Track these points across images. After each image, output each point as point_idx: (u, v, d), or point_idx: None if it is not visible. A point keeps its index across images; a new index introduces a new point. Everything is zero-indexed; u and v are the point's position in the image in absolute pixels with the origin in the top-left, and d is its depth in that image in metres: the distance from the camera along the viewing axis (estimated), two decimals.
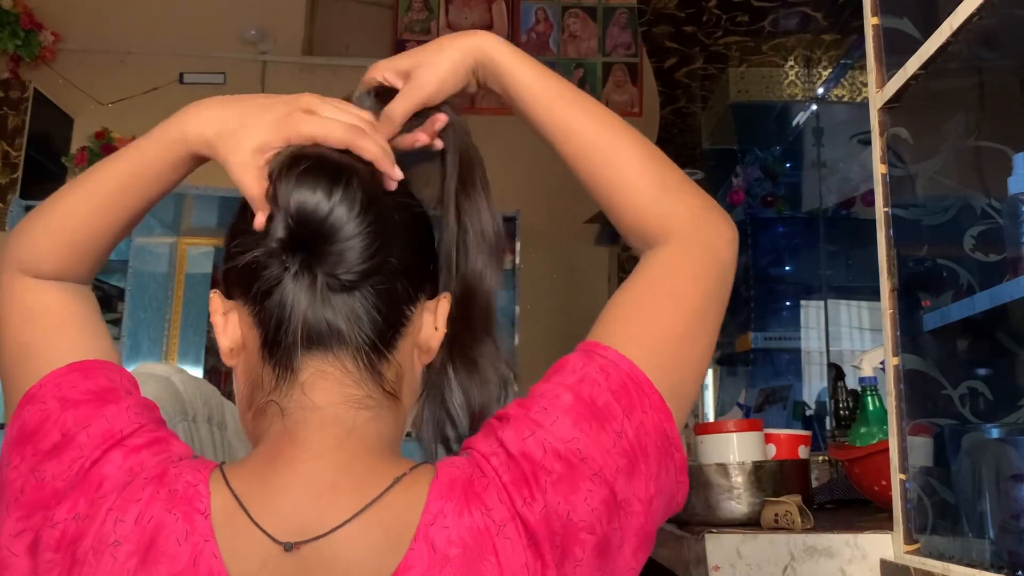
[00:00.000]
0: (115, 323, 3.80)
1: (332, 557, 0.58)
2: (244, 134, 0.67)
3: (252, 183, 0.65)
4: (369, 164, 0.67)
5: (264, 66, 4.30)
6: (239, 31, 4.22)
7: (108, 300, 3.88)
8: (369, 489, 0.60)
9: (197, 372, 3.51)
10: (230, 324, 0.66)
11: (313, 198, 0.62)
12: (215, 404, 1.29)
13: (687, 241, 0.70)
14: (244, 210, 0.67)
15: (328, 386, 0.63)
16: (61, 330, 0.70)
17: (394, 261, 0.65)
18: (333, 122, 0.67)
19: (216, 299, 0.67)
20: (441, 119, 0.75)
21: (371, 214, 0.64)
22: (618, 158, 0.72)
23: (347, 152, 0.66)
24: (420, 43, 0.78)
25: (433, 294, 0.71)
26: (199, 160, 0.71)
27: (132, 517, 0.59)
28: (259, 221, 0.64)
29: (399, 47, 4.40)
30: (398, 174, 0.68)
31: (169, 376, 1.26)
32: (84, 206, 0.72)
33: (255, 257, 0.63)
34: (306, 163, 0.64)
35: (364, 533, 0.58)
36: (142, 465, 0.62)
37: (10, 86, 4.01)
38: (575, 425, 0.61)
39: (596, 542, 0.59)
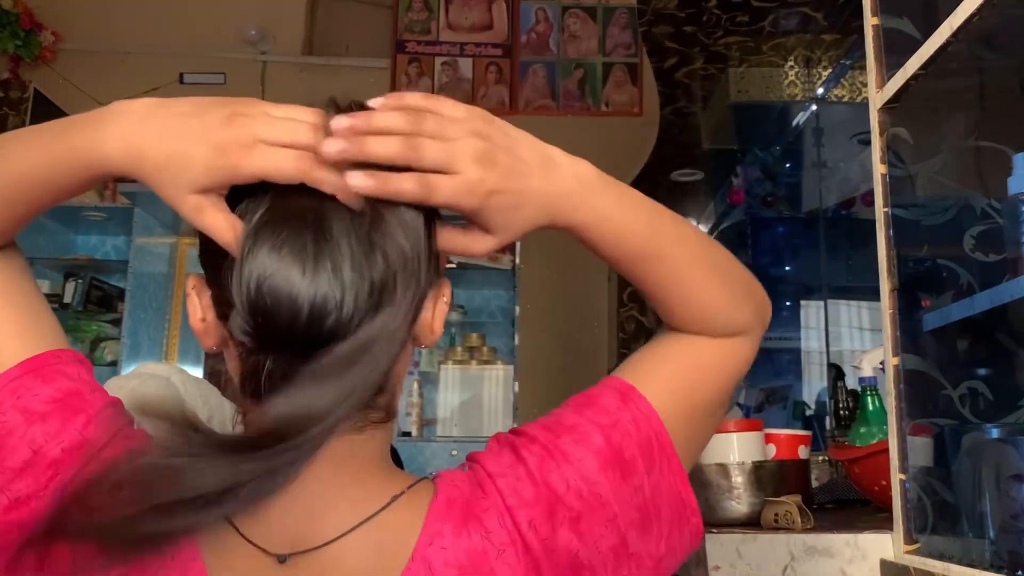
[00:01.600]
0: (115, 323, 3.80)
1: (326, 570, 0.57)
2: (176, 170, 0.55)
3: (219, 227, 0.56)
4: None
5: (264, 66, 4.30)
6: (239, 31, 4.22)
7: (109, 300, 3.88)
8: (365, 506, 0.59)
9: (197, 372, 3.51)
10: (211, 328, 0.61)
11: (288, 289, 0.53)
12: (215, 404, 1.29)
13: (750, 335, 0.71)
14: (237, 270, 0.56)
15: None
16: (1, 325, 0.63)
17: (394, 310, 0.57)
18: (280, 155, 0.55)
19: (194, 299, 0.61)
20: None
21: (365, 270, 0.55)
22: (699, 286, 0.68)
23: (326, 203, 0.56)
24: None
25: (432, 277, 0.62)
26: (114, 176, 0.60)
27: None
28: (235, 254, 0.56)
29: (399, 47, 4.40)
30: (360, 205, 0.56)
31: (169, 376, 1.27)
32: None
33: (243, 355, 0.57)
34: (273, 235, 0.54)
35: (359, 549, 0.57)
36: None
37: (10, 86, 4.01)
38: (601, 469, 0.61)
39: None
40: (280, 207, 0.56)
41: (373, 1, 4.56)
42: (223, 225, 0.56)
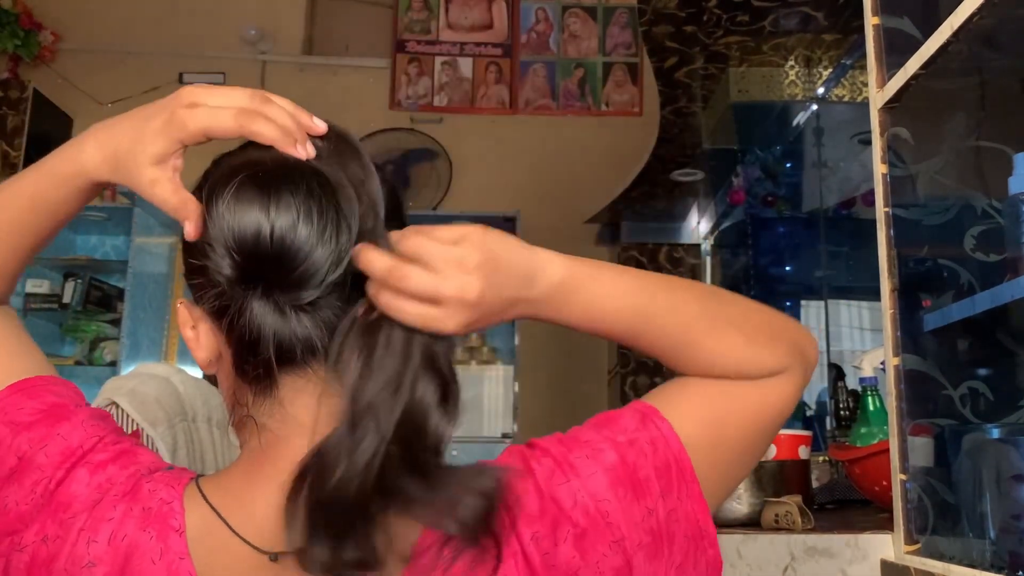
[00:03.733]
0: (115, 323, 3.80)
1: None
2: (138, 150, 0.61)
3: (168, 195, 0.60)
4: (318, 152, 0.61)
5: (264, 66, 4.30)
6: (239, 31, 4.22)
7: (108, 300, 3.88)
8: None
9: (196, 372, 3.51)
10: (202, 336, 0.62)
11: (252, 221, 0.57)
12: (215, 404, 1.29)
13: (786, 375, 0.69)
14: (207, 222, 0.61)
15: (307, 400, 0.60)
16: None
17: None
18: (221, 110, 0.60)
19: (183, 311, 0.63)
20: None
21: (326, 217, 0.57)
22: (706, 346, 0.66)
23: (288, 159, 0.60)
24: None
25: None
26: (99, 187, 0.67)
27: (105, 537, 0.57)
28: (189, 231, 0.60)
29: (399, 47, 4.40)
30: (307, 151, 0.60)
31: (169, 376, 1.26)
32: None
33: (214, 295, 0.59)
34: (236, 181, 0.58)
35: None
36: (111, 481, 0.60)
37: (9, 86, 4.01)
38: (611, 487, 0.59)
39: None
40: (236, 163, 0.61)
41: (373, 1, 4.56)
42: (170, 191, 0.60)
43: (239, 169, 0.59)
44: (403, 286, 0.56)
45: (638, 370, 3.97)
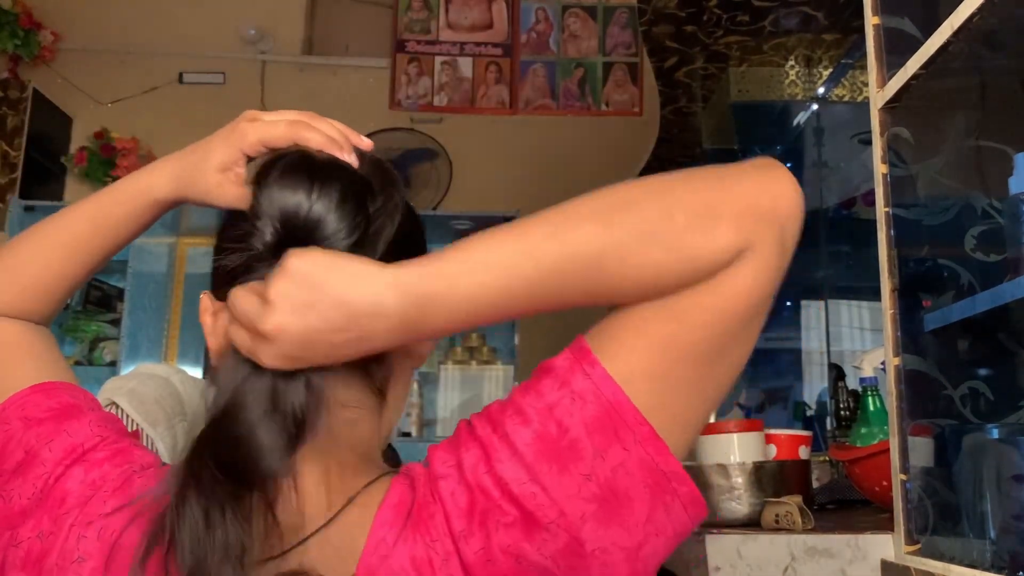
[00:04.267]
0: (115, 323, 3.80)
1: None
2: (203, 162, 0.67)
3: (233, 192, 0.65)
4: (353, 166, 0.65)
5: (264, 66, 4.30)
6: (239, 31, 4.22)
7: (108, 300, 3.88)
8: (334, 500, 0.58)
9: (197, 372, 3.50)
10: (220, 325, 0.63)
11: (294, 198, 0.60)
12: None
13: (748, 253, 0.56)
14: (232, 212, 0.66)
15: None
16: (21, 359, 0.71)
17: (384, 253, 0.62)
18: (275, 122, 0.66)
19: (206, 299, 0.66)
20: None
21: (353, 206, 0.61)
22: (621, 276, 0.55)
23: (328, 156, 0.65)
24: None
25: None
26: (163, 208, 0.72)
27: (95, 532, 0.58)
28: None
29: (399, 47, 4.40)
30: (350, 158, 0.65)
31: (169, 376, 1.26)
32: (42, 252, 0.73)
33: (243, 260, 0.61)
34: (283, 164, 0.63)
35: (319, 553, 0.56)
36: (104, 478, 0.62)
37: (9, 86, 4.00)
38: (533, 465, 0.54)
39: None
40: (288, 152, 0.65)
41: (373, 1, 4.56)
42: (236, 187, 0.65)
43: (290, 155, 0.64)
44: (233, 311, 0.56)
45: None
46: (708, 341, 0.57)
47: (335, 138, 0.65)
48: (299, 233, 0.60)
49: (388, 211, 0.64)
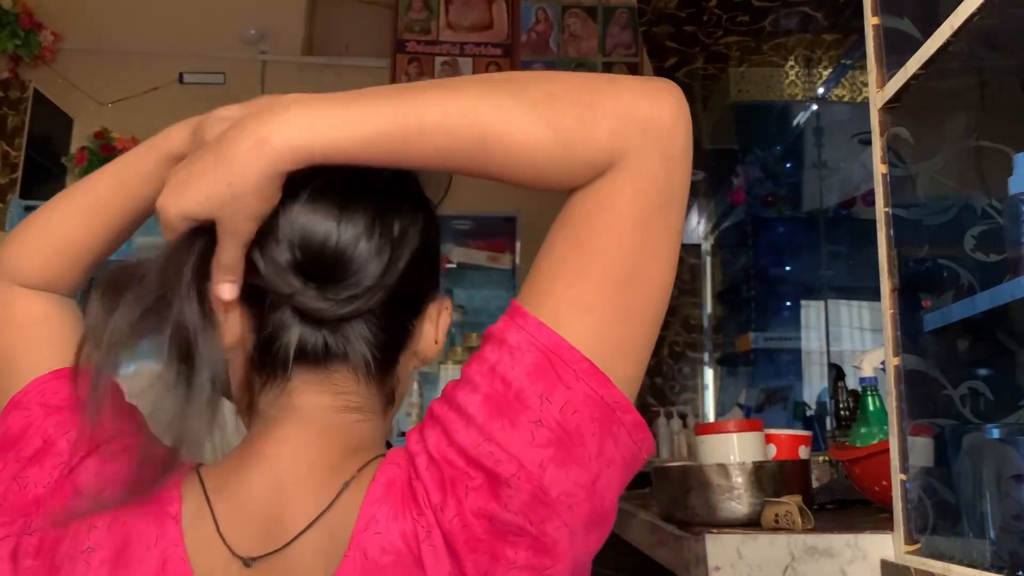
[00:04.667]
0: None
1: (287, 567, 0.57)
2: (235, 177, 0.58)
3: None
4: (382, 174, 0.63)
5: (264, 66, 4.30)
6: (239, 31, 4.22)
7: None
8: (329, 490, 0.59)
9: None
10: (230, 320, 0.64)
11: (322, 227, 0.61)
12: None
13: (624, 162, 0.57)
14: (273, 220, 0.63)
15: (316, 393, 0.63)
16: (46, 338, 0.70)
17: (403, 277, 0.63)
18: None
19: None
20: None
21: (381, 234, 0.62)
22: (501, 141, 0.57)
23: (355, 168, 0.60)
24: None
25: (434, 287, 0.69)
26: (178, 159, 0.67)
27: (105, 523, 0.59)
28: None
29: (399, 47, 4.40)
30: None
31: None
32: (70, 215, 0.72)
33: (261, 271, 0.61)
34: (313, 186, 0.61)
35: (315, 541, 0.57)
36: (119, 471, 0.62)
37: (10, 86, 4.01)
38: (484, 425, 0.55)
39: (530, 542, 0.55)
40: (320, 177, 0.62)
41: (373, 1, 4.56)
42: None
43: (314, 178, 0.60)
44: None
45: None
46: (614, 262, 0.58)
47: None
48: (321, 264, 0.61)
49: (413, 222, 0.65)
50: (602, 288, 0.58)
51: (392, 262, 0.62)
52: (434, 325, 0.68)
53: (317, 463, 0.61)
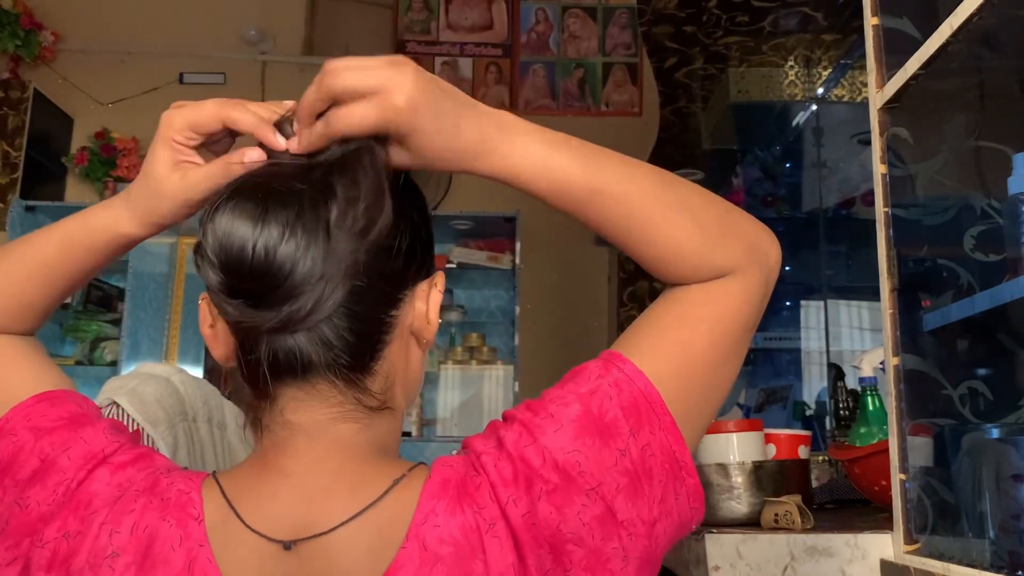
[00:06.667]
0: (115, 323, 3.80)
1: (329, 556, 0.58)
2: (152, 173, 0.66)
3: (204, 172, 0.64)
4: (324, 176, 0.60)
5: (264, 66, 4.30)
6: (239, 31, 4.22)
7: (108, 300, 3.88)
8: (364, 493, 0.60)
9: (197, 372, 3.50)
10: (220, 334, 0.64)
11: (239, 236, 0.57)
12: (215, 404, 1.29)
13: (740, 276, 0.67)
14: (203, 231, 0.61)
15: (307, 408, 0.62)
16: (19, 367, 0.70)
17: (367, 269, 0.60)
18: (200, 104, 0.65)
19: (204, 307, 0.65)
20: None
21: (306, 229, 0.57)
22: (659, 226, 0.66)
23: (291, 176, 0.60)
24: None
25: (424, 272, 0.68)
26: (127, 241, 0.69)
27: (127, 528, 0.59)
28: (253, 156, 0.64)
29: (399, 47, 4.40)
30: (278, 143, 0.63)
31: (169, 376, 1.26)
32: (12, 277, 0.71)
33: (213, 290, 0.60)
34: (235, 197, 0.59)
35: (360, 533, 0.59)
36: (131, 480, 0.62)
37: (10, 86, 4.01)
38: (577, 437, 0.60)
39: (586, 555, 0.58)
40: (241, 185, 0.62)
41: (373, 1, 4.56)
42: (204, 167, 0.65)
43: (235, 184, 0.61)
44: (336, 83, 0.66)
45: None
46: (714, 347, 0.66)
47: (265, 117, 0.65)
48: (248, 281, 0.58)
49: (373, 209, 0.60)
50: (696, 363, 0.65)
51: (333, 258, 0.58)
52: (425, 303, 0.67)
53: (342, 471, 0.62)
